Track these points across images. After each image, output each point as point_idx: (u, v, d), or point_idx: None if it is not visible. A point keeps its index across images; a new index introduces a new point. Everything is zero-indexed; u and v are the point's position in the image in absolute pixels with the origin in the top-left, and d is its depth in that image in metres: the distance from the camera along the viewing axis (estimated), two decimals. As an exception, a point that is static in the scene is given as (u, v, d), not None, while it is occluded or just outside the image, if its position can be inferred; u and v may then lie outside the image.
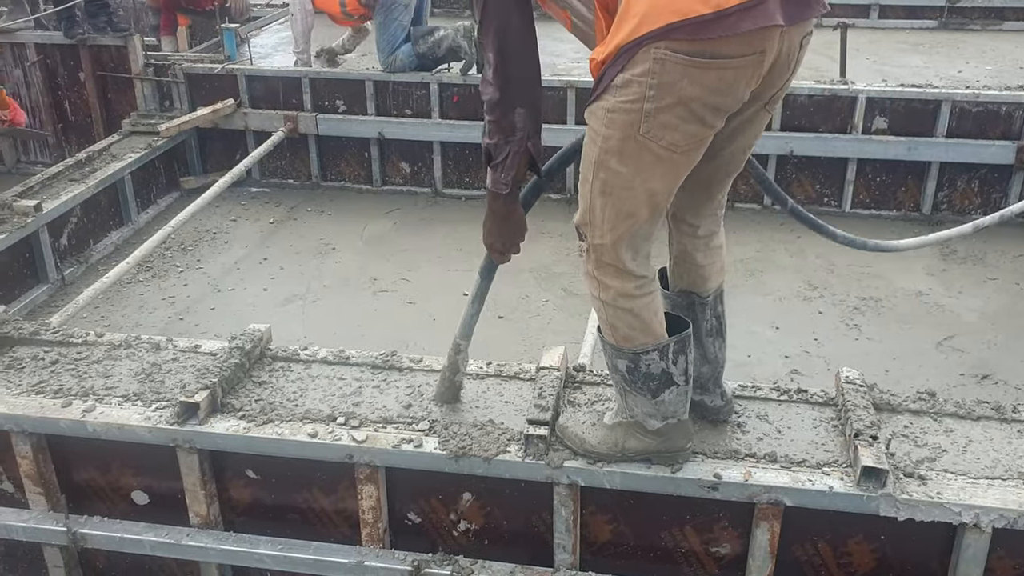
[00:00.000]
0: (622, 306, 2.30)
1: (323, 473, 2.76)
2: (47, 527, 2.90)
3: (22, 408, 2.81)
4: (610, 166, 2.13)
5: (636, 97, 2.01)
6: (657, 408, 2.42)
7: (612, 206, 2.18)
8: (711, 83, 1.98)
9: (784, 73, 2.13)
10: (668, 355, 2.35)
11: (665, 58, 1.95)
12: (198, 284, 5.30)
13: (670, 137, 2.05)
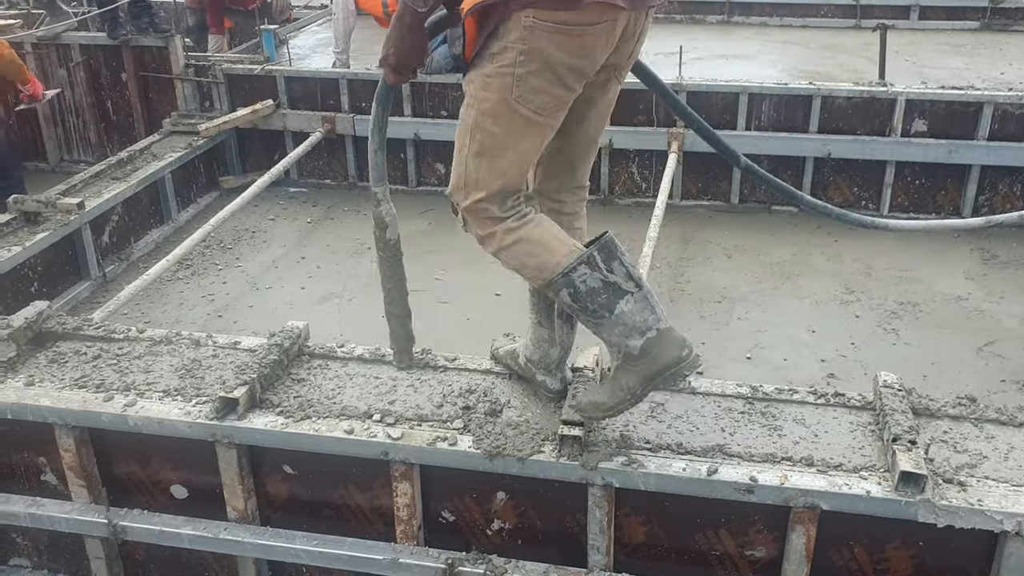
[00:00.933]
0: (512, 240, 2.40)
1: (359, 470, 2.79)
2: (89, 519, 2.95)
3: (65, 402, 2.87)
4: (486, 127, 2.31)
5: (509, 62, 2.23)
6: (624, 324, 2.37)
7: (486, 166, 2.35)
8: (573, 48, 2.21)
9: (629, 43, 2.36)
10: (597, 264, 2.36)
11: (534, 25, 2.18)
12: (237, 282, 5.37)
13: (539, 100, 2.26)
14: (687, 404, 2.82)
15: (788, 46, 8.36)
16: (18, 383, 2.96)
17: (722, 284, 5.31)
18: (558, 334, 2.73)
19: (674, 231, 5.91)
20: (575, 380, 2.79)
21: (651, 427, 2.71)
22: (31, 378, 2.99)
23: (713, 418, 2.75)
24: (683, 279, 5.38)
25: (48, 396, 2.89)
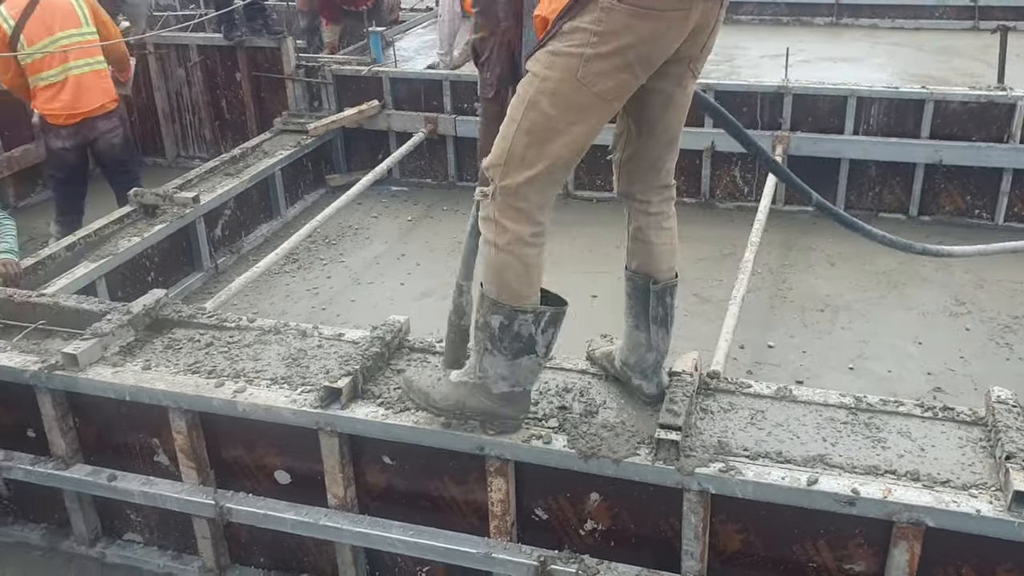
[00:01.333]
0: (514, 252, 2.39)
1: (455, 463, 2.83)
2: (197, 499, 3.08)
3: (179, 386, 3.00)
4: (541, 106, 2.27)
5: (580, 42, 2.20)
6: (512, 372, 2.53)
7: (535, 145, 2.30)
8: (647, 32, 2.18)
9: (703, 34, 2.33)
10: (541, 322, 2.48)
11: (612, 7, 2.15)
12: (340, 276, 5.51)
13: (603, 84, 2.22)
14: (788, 412, 2.77)
15: (899, 48, 8.07)
16: (136, 367, 3.11)
17: (825, 292, 5.17)
18: (654, 339, 2.74)
19: (776, 236, 5.79)
20: (672, 384, 2.78)
21: (750, 434, 2.67)
22: (148, 363, 3.14)
23: (814, 427, 2.70)
24: (785, 286, 5.27)
25: (163, 380, 3.03)
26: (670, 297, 2.73)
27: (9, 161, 6.61)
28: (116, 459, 3.25)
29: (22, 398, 3.22)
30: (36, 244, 5.83)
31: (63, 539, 3.43)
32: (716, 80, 6.38)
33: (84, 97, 5.21)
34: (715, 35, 2.39)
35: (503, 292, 2.44)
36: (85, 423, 3.24)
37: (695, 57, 2.39)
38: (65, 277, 4.29)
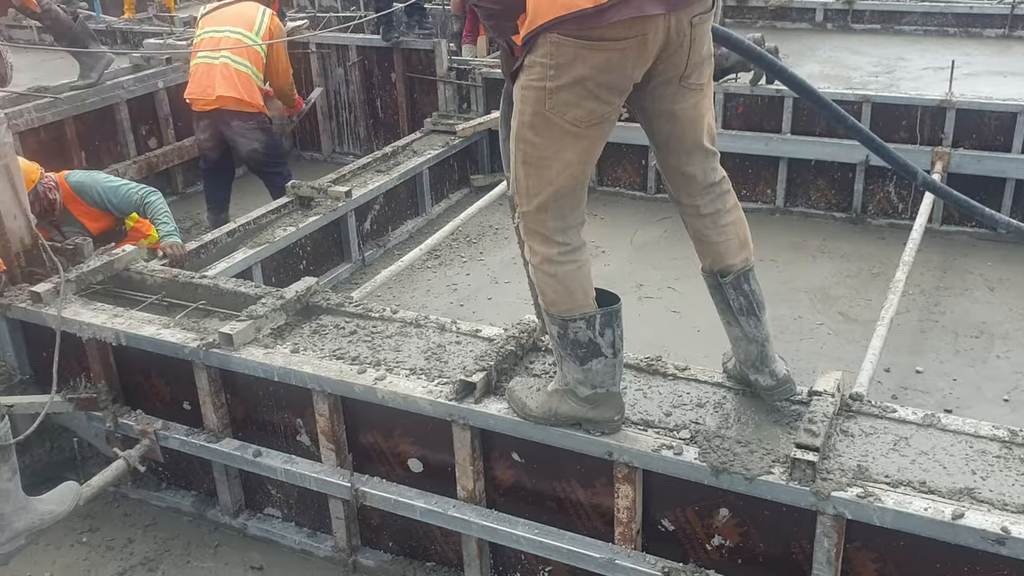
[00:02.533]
0: (547, 271, 2.51)
1: (582, 466, 2.84)
2: (335, 480, 3.21)
3: (324, 370, 3.13)
4: (527, 138, 2.39)
5: (540, 76, 2.29)
6: (586, 376, 2.60)
7: (534, 175, 2.42)
8: (600, 63, 2.24)
9: (680, 52, 2.35)
10: (595, 325, 2.54)
11: (560, 41, 2.23)
12: (478, 274, 5.62)
13: (572, 113, 2.31)
14: (934, 441, 2.64)
15: (1082, 63, 7.55)
16: (285, 349, 3.27)
17: (981, 318, 4.89)
18: (748, 330, 2.72)
19: (931, 257, 5.52)
20: (812, 403, 2.70)
21: (892, 460, 2.56)
22: (296, 346, 3.29)
23: (963, 459, 2.56)
24: (937, 309, 5.01)
25: (310, 364, 3.18)
26: (747, 284, 2.69)
27: (179, 150, 7.08)
28: (261, 436, 3.43)
29: (181, 372, 3.44)
30: (199, 229, 6.22)
31: (210, 508, 3.64)
32: (874, 92, 6.15)
33: (210, 87, 5.52)
34: (699, 50, 2.40)
35: (550, 305, 2.56)
36: (236, 400, 3.44)
37: (684, 74, 2.42)
38: (225, 261, 4.56)
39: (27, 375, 3.82)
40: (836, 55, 7.91)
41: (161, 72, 7.07)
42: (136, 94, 6.88)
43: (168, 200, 7.01)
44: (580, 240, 2.54)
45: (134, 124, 6.90)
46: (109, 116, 6.73)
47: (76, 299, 3.64)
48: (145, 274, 3.84)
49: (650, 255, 5.83)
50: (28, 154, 5.43)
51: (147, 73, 7.02)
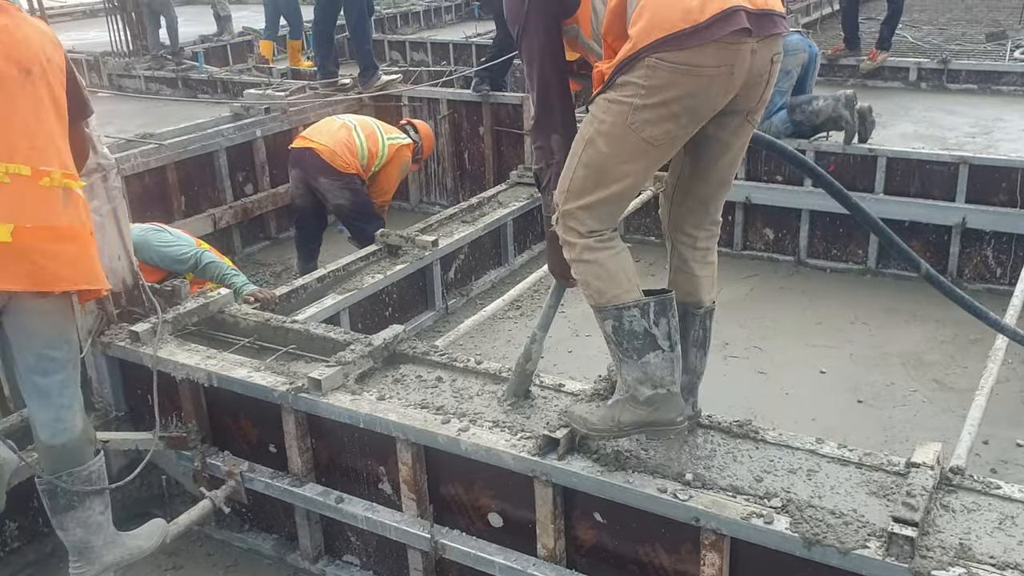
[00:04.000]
0: (587, 258, 2.60)
1: (667, 530, 2.78)
2: (415, 531, 3.20)
3: (409, 419, 3.15)
4: (597, 144, 2.51)
5: (631, 93, 2.42)
6: (644, 372, 2.62)
7: (590, 177, 2.54)
8: (690, 87, 2.38)
9: (758, 87, 2.52)
10: (649, 314, 2.59)
11: (657, 65, 2.36)
12: (559, 327, 5.58)
13: (650, 131, 2.44)
14: (1044, 523, 2.50)
15: None
16: (371, 396, 3.31)
17: (1089, 391, 4.66)
18: (692, 362, 2.88)
19: (1033, 325, 5.29)
20: (911, 475, 2.59)
21: (998, 540, 2.44)
22: (382, 393, 3.32)
23: (1077, 544, 2.42)
24: (1040, 380, 4.79)
25: (395, 412, 3.20)
26: (710, 320, 2.91)
27: (273, 197, 7.31)
28: (344, 482, 3.45)
29: (269, 415, 3.50)
30: (289, 274, 6.38)
31: (290, 552, 3.67)
32: (971, 153, 5.99)
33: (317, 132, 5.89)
34: (770, 89, 2.57)
35: (598, 296, 2.63)
36: (321, 445, 3.48)
37: (753, 109, 2.58)
38: (314, 306, 4.65)
39: (122, 412, 3.93)
40: (930, 115, 7.75)
41: (259, 121, 7.34)
42: (235, 142, 7.14)
43: (259, 245, 7.33)
44: (614, 234, 2.64)
45: (232, 170, 7.15)
46: (208, 162, 6.99)
47: (172, 339, 3.76)
48: (239, 317, 3.95)
49: (736, 313, 5.72)
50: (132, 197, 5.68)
51: (246, 122, 7.29)
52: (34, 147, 2.73)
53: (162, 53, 11.42)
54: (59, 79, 2.85)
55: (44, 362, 2.83)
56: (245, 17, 14.13)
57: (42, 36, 2.84)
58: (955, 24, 12.32)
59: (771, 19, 2.44)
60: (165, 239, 4.79)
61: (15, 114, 2.69)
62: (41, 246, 2.71)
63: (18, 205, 2.67)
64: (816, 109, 6.21)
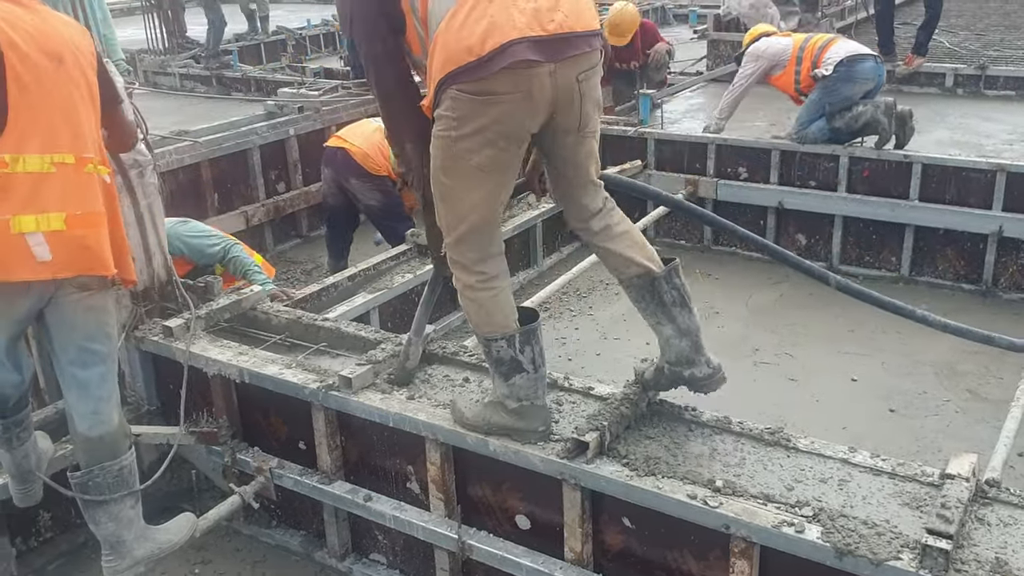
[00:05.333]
0: (468, 296, 2.81)
1: (696, 537, 2.76)
2: (442, 531, 3.21)
3: (438, 419, 3.15)
4: (440, 179, 2.68)
5: (446, 127, 2.58)
6: (511, 390, 2.87)
7: (450, 211, 2.72)
8: (494, 115, 2.51)
9: (571, 107, 2.61)
10: (515, 344, 2.80)
11: (458, 96, 2.51)
12: (588, 329, 5.59)
13: (475, 159, 2.58)
14: (1082, 539, 2.46)
15: None
16: (401, 396, 3.31)
17: None
18: (681, 323, 2.90)
19: (1071, 336, 5.20)
20: (945, 487, 2.56)
21: (1035, 556, 2.40)
22: (411, 393, 3.33)
23: (1116, 561, 2.37)
24: (1077, 392, 4.71)
25: (424, 411, 3.20)
26: (678, 278, 2.90)
27: (305, 195, 7.36)
28: (372, 481, 3.46)
29: (299, 412, 3.52)
30: (320, 272, 6.42)
31: (317, 549, 3.69)
32: (1008, 161, 5.90)
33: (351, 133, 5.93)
34: (589, 103, 2.65)
35: (476, 327, 2.86)
36: (350, 443, 3.49)
37: (581, 126, 2.68)
38: (345, 304, 4.67)
39: (154, 406, 3.98)
40: (967, 122, 7.64)
41: (292, 120, 7.39)
42: (268, 140, 7.20)
43: (291, 243, 7.38)
44: (497, 269, 2.81)
45: (265, 168, 7.21)
46: (242, 160, 7.06)
47: (204, 335, 3.79)
48: (271, 314, 3.97)
49: (766, 319, 5.69)
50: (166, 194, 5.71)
51: (279, 121, 7.35)
52: (76, 135, 2.79)
53: (197, 53, 11.56)
54: (91, 64, 2.91)
55: (85, 355, 2.87)
56: (279, 17, 14.23)
57: (69, 26, 2.91)
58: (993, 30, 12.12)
59: (568, 41, 2.51)
60: (194, 230, 4.81)
61: (54, 104, 2.74)
62: (90, 231, 2.78)
63: (66, 193, 2.74)
64: (855, 115, 6.15)
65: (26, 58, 2.68)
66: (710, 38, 9.86)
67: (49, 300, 2.81)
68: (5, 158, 2.65)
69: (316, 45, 13.18)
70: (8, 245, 2.66)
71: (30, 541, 3.63)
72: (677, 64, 9.15)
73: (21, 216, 2.66)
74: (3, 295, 2.77)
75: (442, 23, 2.52)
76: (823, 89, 6.21)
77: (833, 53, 6.22)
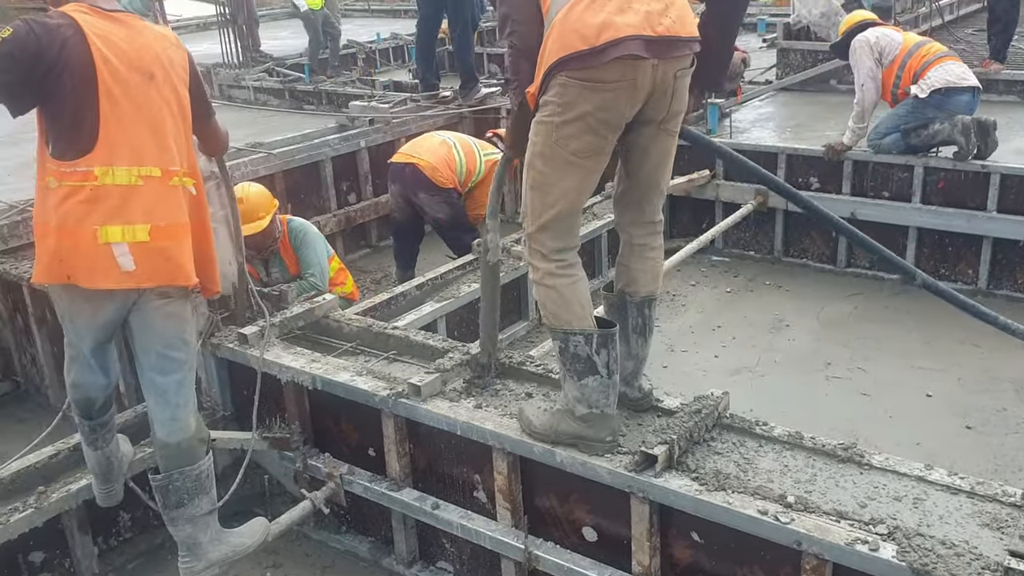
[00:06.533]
0: (547, 283, 2.87)
1: (767, 553, 2.72)
2: (509, 541, 3.22)
3: (506, 428, 3.17)
4: (536, 166, 2.81)
5: (551, 113, 2.71)
6: (582, 393, 2.89)
7: (538, 198, 2.83)
8: (598, 102, 2.65)
9: (663, 99, 2.76)
10: (592, 343, 2.85)
11: (566, 83, 2.65)
12: (654, 341, 5.53)
13: (574, 144, 2.72)
14: None
15: None
16: (469, 404, 3.34)
17: None
18: (633, 348, 3.11)
19: None
20: None
21: (1124, 583, 2.31)
22: (479, 402, 3.35)
23: None
24: None
25: (492, 420, 3.22)
26: (648, 309, 3.11)
27: (375, 206, 7.48)
28: (440, 488, 3.50)
29: (369, 419, 3.58)
30: (388, 281, 6.51)
31: (385, 556, 3.73)
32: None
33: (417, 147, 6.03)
34: (678, 100, 2.80)
35: (552, 319, 2.89)
36: (418, 450, 3.53)
37: (665, 119, 2.82)
38: (413, 313, 4.73)
39: (229, 412, 4.08)
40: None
41: (363, 132, 7.52)
42: (340, 152, 7.34)
43: (361, 252, 7.49)
44: (576, 259, 2.91)
45: (336, 180, 7.35)
46: (315, 172, 7.20)
47: (278, 343, 3.88)
48: (342, 322, 4.05)
49: (838, 332, 5.58)
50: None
51: (351, 133, 7.49)
52: (163, 148, 2.88)
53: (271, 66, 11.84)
54: (182, 79, 3.00)
55: (163, 361, 2.97)
56: (349, 31, 14.49)
57: (163, 40, 2.98)
58: (1078, 34, 11.75)
59: (673, 44, 2.68)
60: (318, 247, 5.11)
61: (141, 118, 2.84)
62: (173, 243, 2.88)
63: (152, 206, 2.84)
64: (931, 132, 5.99)
65: (117, 73, 2.78)
66: (780, 47, 9.73)
67: (132, 306, 2.91)
68: (95, 171, 2.76)
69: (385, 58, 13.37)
70: (95, 254, 2.77)
71: (111, 540, 3.75)
72: (746, 73, 9.05)
73: (108, 227, 2.77)
74: (89, 301, 2.88)
75: (560, 13, 2.66)
76: (911, 107, 6.03)
77: (935, 76, 5.94)
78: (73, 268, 2.79)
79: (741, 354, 5.35)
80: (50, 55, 2.69)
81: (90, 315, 2.92)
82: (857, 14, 6.77)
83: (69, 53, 2.71)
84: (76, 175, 2.76)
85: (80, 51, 2.73)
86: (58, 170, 2.78)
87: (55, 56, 2.70)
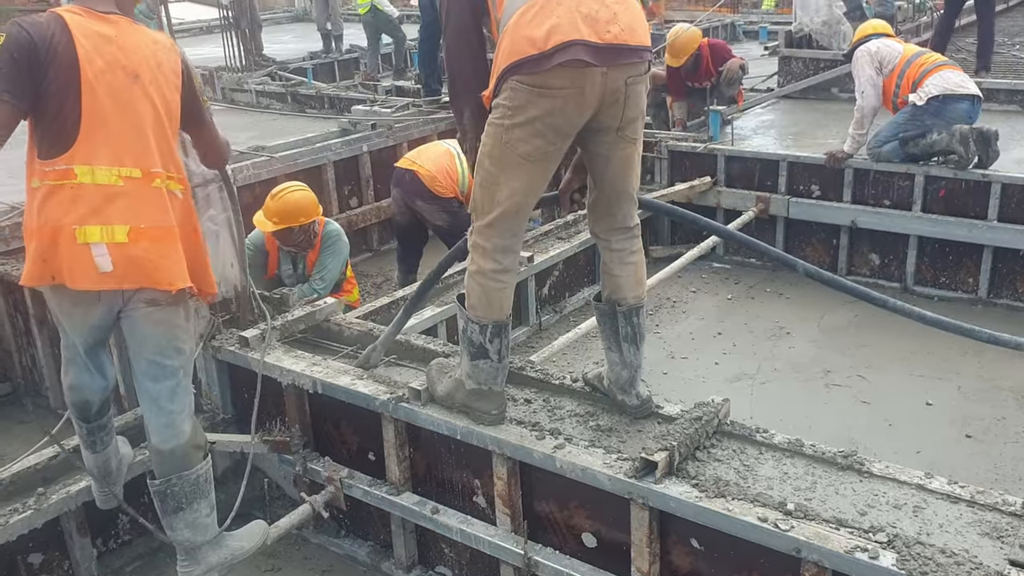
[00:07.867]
0: (478, 280, 3.02)
1: (766, 560, 2.72)
2: (508, 546, 3.22)
3: (505, 433, 3.17)
4: (484, 165, 2.90)
5: (501, 115, 2.80)
6: (473, 371, 3.13)
7: (487, 197, 2.93)
8: (546, 107, 2.73)
9: (616, 106, 2.82)
10: (486, 332, 3.05)
11: (516, 87, 2.74)
12: (654, 348, 5.55)
13: (523, 148, 2.80)
14: None
15: None
16: (468, 410, 3.34)
17: None
18: (626, 356, 3.16)
19: None
20: (1028, 517, 2.48)
21: (1124, 593, 2.31)
22: (479, 408, 3.35)
23: None
24: None
25: (491, 426, 3.22)
26: (637, 317, 3.15)
27: (377, 210, 7.49)
28: (439, 493, 3.50)
29: (369, 423, 3.58)
30: (390, 285, 6.51)
31: (384, 560, 3.73)
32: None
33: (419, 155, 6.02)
34: (633, 107, 2.84)
35: (469, 307, 3.05)
36: (418, 455, 3.53)
37: (621, 126, 2.87)
38: (414, 317, 4.73)
39: (229, 414, 4.08)
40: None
41: (366, 137, 7.53)
42: (342, 156, 7.35)
43: (362, 256, 7.50)
44: (513, 264, 3.02)
45: (338, 184, 7.36)
46: (317, 175, 7.20)
47: (279, 346, 3.88)
48: (343, 326, 4.05)
49: (838, 340, 5.58)
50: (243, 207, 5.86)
51: (353, 137, 7.50)
52: (145, 149, 2.83)
53: (273, 69, 11.86)
54: (172, 83, 2.94)
55: (154, 368, 2.95)
56: (352, 36, 14.50)
57: (153, 43, 2.93)
58: (1079, 44, 11.76)
59: (619, 51, 2.73)
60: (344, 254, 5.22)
61: (124, 118, 2.80)
62: (153, 245, 2.83)
63: (133, 207, 2.80)
64: (929, 142, 6.00)
65: (101, 73, 2.75)
66: (782, 54, 9.75)
67: (120, 311, 2.90)
68: (75, 169, 2.73)
69: (388, 64, 13.39)
70: (73, 254, 2.73)
71: (110, 543, 3.75)
72: (748, 80, 9.06)
73: (87, 227, 2.73)
74: (78, 304, 2.86)
75: (511, 19, 2.76)
76: (909, 115, 6.05)
77: (932, 84, 5.97)
78: (56, 268, 2.76)
79: (741, 361, 5.35)
80: (42, 52, 2.69)
81: (80, 317, 2.90)
82: (870, 24, 6.78)
83: (55, 50, 2.70)
84: (56, 173, 2.72)
85: (65, 48, 2.70)
86: (41, 169, 2.75)
87: (45, 53, 2.69)
